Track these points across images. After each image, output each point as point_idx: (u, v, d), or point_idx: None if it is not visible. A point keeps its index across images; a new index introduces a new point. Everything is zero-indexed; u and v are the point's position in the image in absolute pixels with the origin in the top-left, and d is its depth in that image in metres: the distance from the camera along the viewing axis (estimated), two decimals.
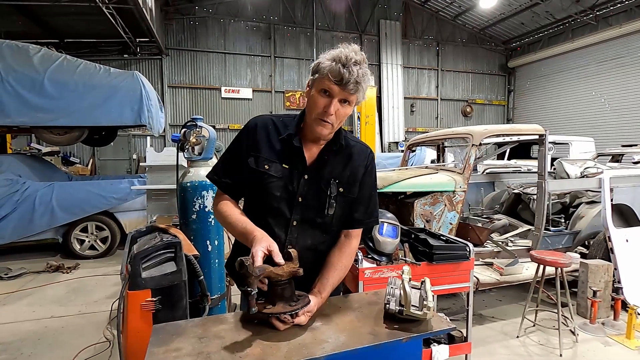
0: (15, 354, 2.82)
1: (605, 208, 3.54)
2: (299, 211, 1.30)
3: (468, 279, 2.41)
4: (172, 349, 1.00)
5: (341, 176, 1.32)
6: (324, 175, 1.31)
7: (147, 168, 4.59)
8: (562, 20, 13.38)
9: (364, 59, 1.20)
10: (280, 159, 1.29)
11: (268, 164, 1.28)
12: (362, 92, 1.21)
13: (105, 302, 3.73)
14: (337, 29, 14.13)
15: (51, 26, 9.86)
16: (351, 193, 1.34)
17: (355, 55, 1.17)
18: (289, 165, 1.28)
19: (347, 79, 1.15)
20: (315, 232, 1.33)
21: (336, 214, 1.33)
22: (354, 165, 1.35)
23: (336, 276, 1.30)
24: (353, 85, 1.16)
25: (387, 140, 14.05)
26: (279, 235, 1.28)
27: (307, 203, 1.29)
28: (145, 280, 1.70)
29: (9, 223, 4.80)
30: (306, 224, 1.31)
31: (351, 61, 1.16)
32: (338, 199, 1.31)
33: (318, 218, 1.31)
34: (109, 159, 12.04)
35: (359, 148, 1.39)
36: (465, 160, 3.48)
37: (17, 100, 4.73)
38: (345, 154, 1.34)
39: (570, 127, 13.20)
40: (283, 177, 1.28)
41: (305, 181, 1.29)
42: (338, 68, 1.15)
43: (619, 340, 2.99)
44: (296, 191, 1.28)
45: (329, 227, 1.35)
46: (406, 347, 1.09)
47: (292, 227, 1.30)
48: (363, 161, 1.37)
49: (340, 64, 1.16)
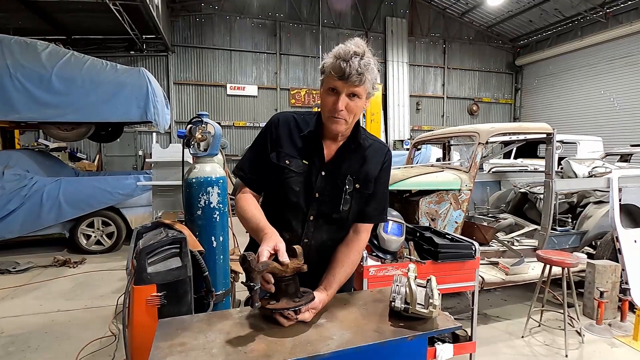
0: (23, 346, 2.86)
1: (614, 208, 3.50)
2: (316, 206, 1.32)
3: (473, 278, 2.39)
4: (177, 343, 1.00)
5: (358, 173, 1.34)
6: (341, 172, 1.33)
7: (152, 164, 4.62)
8: (571, 17, 13.20)
9: (366, 50, 1.19)
10: (300, 154, 1.32)
11: (289, 159, 1.31)
12: (369, 83, 1.20)
13: (111, 297, 3.76)
14: (343, 26, 14.08)
15: (59, 23, 9.94)
16: (367, 189, 1.36)
17: (356, 47, 1.17)
18: (308, 162, 1.31)
19: (348, 72, 1.15)
20: (332, 228, 1.36)
21: (352, 210, 1.35)
22: (371, 163, 1.36)
23: (343, 272, 1.30)
24: (356, 77, 1.16)
25: (392, 138, 14.00)
26: (295, 229, 1.33)
27: (323, 199, 1.32)
28: (150, 276, 1.71)
29: (17, 217, 4.87)
30: (322, 219, 1.34)
31: (350, 54, 1.16)
32: (354, 195, 1.34)
33: (334, 213, 1.34)
34: (115, 155, 12.14)
35: (377, 146, 1.40)
36: (472, 159, 3.45)
37: (25, 96, 4.78)
38: (363, 151, 1.36)
39: (578, 126, 13.05)
40: (303, 172, 1.31)
41: (323, 177, 1.31)
42: (339, 64, 1.16)
43: (626, 341, 2.96)
44: (314, 187, 1.31)
45: (345, 222, 1.37)
46: (411, 345, 1.08)
47: (309, 221, 1.33)
48: (380, 158, 1.38)
49: (340, 59, 1.16)
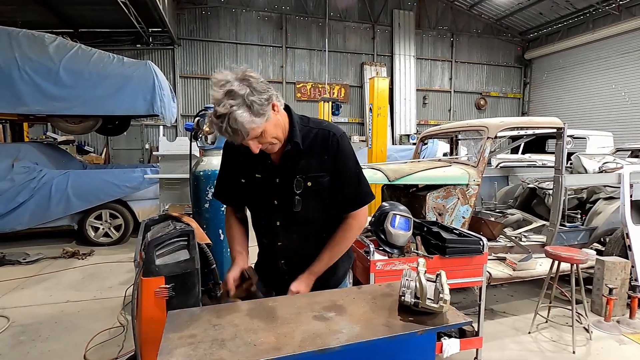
0: (34, 335, 2.91)
1: (625, 204, 3.44)
2: (278, 213, 1.37)
3: (481, 274, 2.38)
4: (187, 335, 1.01)
5: (306, 169, 1.32)
6: (290, 174, 1.32)
7: (159, 157, 4.64)
8: (582, 10, 12.93)
9: (225, 96, 1.08)
10: (254, 170, 1.37)
11: (244, 176, 1.39)
12: (248, 122, 1.11)
13: (119, 288, 3.81)
14: (350, 19, 13.95)
15: (65, 15, 9.96)
16: (322, 184, 1.33)
17: (217, 108, 1.10)
18: (261, 174, 1.36)
19: (226, 135, 1.15)
20: (300, 227, 1.39)
21: (310, 206, 1.34)
22: (316, 156, 1.32)
23: (327, 255, 1.39)
24: (233, 135, 1.13)
25: (399, 132, 13.91)
26: (269, 235, 1.43)
27: (282, 204, 1.35)
28: (159, 268, 1.71)
29: (27, 209, 4.93)
30: (289, 223, 1.38)
31: (214, 121, 1.13)
32: (308, 194, 1.32)
33: (297, 217, 1.35)
34: (122, 148, 12.22)
35: (321, 134, 1.33)
36: (480, 153, 3.41)
37: (33, 89, 4.81)
38: (307, 146, 1.32)
39: (588, 121, 12.85)
40: (259, 185, 1.37)
41: (277, 184, 1.35)
42: (218, 130, 1.15)
43: (635, 338, 2.93)
44: (273, 195, 1.36)
45: (311, 220, 1.38)
46: (421, 339, 1.08)
47: (277, 227, 1.39)
48: (325, 146, 1.32)
49: (214, 125, 1.14)
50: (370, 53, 14.22)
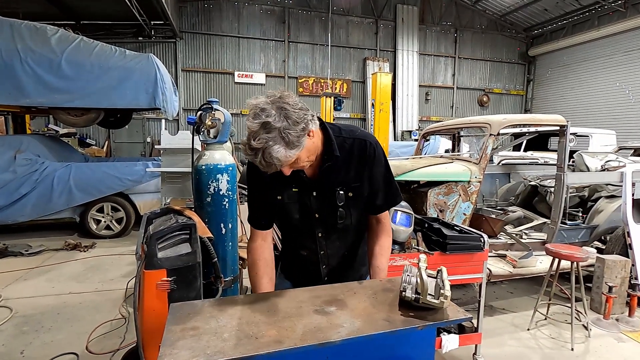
0: (37, 326, 2.94)
1: (626, 203, 3.44)
2: (320, 225, 1.38)
3: (481, 270, 2.38)
4: (189, 327, 1.01)
5: (346, 181, 1.33)
6: (329, 187, 1.33)
7: (161, 151, 4.64)
8: (588, 6, 12.81)
9: (260, 128, 1.06)
10: (289, 184, 1.34)
11: (280, 193, 1.35)
12: (283, 151, 1.09)
13: (121, 281, 3.83)
14: (353, 13, 13.85)
15: (67, 7, 9.92)
16: (362, 193, 1.36)
17: (252, 139, 1.08)
18: (298, 188, 1.34)
19: (259, 166, 1.12)
20: (342, 237, 1.43)
21: (353, 216, 1.39)
22: (354, 167, 1.33)
23: (383, 260, 1.43)
24: (267, 167, 1.11)
25: (400, 128, 13.87)
26: (310, 246, 1.42)
27: (323, 217, 1.37)
28: (161, 261, 1.73)
29: (29, 201, 4.95)
30: (330, 232, 1.40)
31: (247, 151, 1.11)
32: (350, 204, 1.35)
33: (338, 226, 1.38)
34: (124, 141, 12.22)
35: (357, 144, 1.33)
36: (482, 150, 3.40)
37: (35, 81, 4.81)
38: (344, 157, 1.31)
39: (591, 119, 12.79)
40: (297, 200, 1.35)
41: (315, 197, 1.34)
42: (250, 159, 1.14)
43: (634, 337, 2.94)
44: (311, 208, 1.36)
45: (353, 229, 1.43)
46: (421, 334, 1.08)
47: (319, 237, 1.40)
48: (363, 156, 1.33)
49: (247, 155, 1.13)
50: (373, 48, 14.14)
